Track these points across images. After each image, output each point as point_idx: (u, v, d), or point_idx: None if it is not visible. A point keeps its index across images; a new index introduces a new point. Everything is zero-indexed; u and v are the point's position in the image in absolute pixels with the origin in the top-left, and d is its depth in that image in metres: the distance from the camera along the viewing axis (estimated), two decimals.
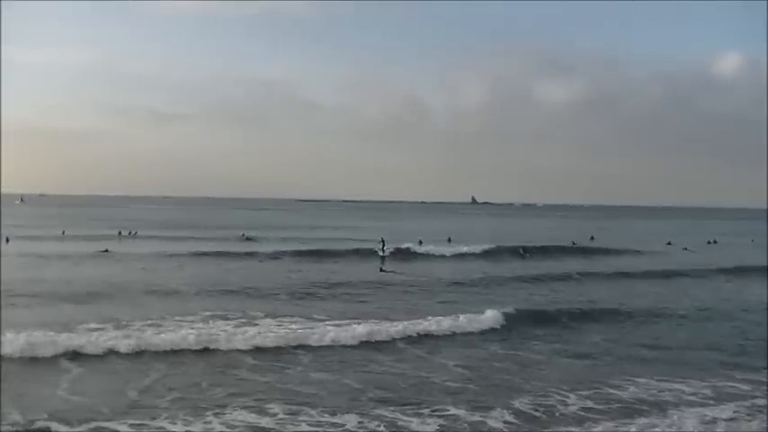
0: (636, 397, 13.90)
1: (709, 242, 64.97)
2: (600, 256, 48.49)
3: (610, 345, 18.95)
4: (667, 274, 36.62)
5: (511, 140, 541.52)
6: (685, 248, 54.40)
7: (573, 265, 40.81)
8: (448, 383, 14.57)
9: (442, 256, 45.15)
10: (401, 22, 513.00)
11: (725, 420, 12.51)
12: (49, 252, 40.45)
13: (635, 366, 16.39)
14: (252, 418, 12.03)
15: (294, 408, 12.59)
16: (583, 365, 16.52)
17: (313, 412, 12.42)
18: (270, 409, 12.51)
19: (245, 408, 12.51)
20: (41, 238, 51.46)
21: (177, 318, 20.20)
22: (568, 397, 13.73)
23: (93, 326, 18.82)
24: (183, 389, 13.59)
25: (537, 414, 12.78)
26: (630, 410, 12.99)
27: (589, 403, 13.38)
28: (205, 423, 11.75)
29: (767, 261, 41.57)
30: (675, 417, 12.63)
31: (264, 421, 11.96)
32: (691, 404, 13.46)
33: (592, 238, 67.15)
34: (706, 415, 12.76)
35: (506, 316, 21.70)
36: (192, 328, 18.51)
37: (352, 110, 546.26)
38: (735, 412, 12.95)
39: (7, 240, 48.73)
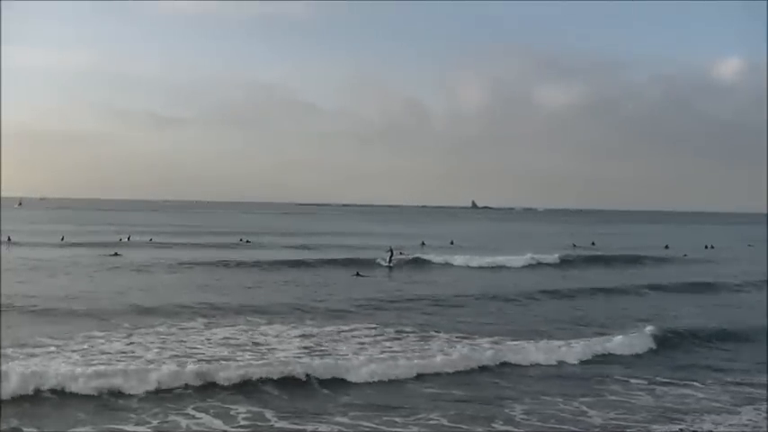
0: None
1: (706, 246, 65.12)
2: (634, 263, 47.01)
3: None
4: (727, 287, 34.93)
5: (511, 144, 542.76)
6: (685, 255, 54.20)
7: (613, 275, 39.31)
8: None
9: (461, 266, 42.43)
10: (401, 25, 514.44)
11: None
12: (52, 258, 40.21)
13: None
14: None
15: None
16: None
17: None
18: None
19: None
20: (41, 244, 50.84)
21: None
22: None
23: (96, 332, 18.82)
24: None
25: None
26: None
27: None
28: None
29: None
30: None
31: None
32: None
33: (593, 243, 67.34)
34: None
35: (658, 337, 19.73)
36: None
37: (352, 113, 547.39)
38: None
39: (9, 239, 48.79)
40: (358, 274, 35.68)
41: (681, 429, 12.64)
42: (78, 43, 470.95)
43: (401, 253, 44.77)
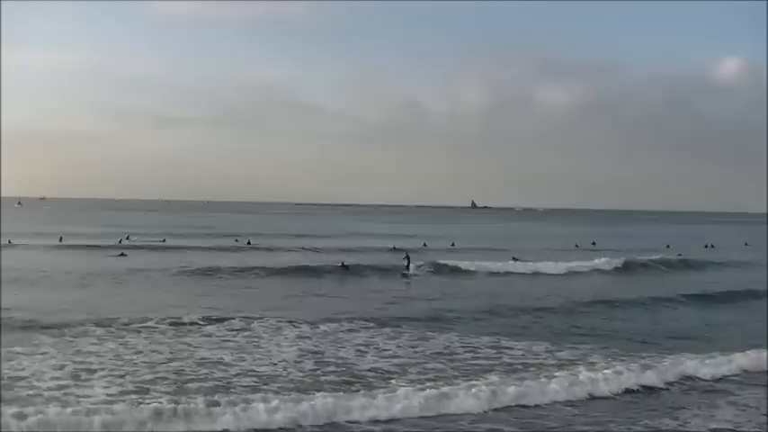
0: None
1: (706, 246, 65.24)
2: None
3: None
4: None
5: (511, 144, 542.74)
6: (680, 255, 53.83)
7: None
8: None
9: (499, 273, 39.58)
10: (400, 25, 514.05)
11: None
12: (51, 260, 39.97)
13: None
14: None
15: None
16: None
17: None
18: None
19: None
20: (40, 246, 50.32)
21: None
22: None
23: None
24: None
25: None
26: None
27: None
28: None
29: None
30: None
31: None
32: None
33: (594, 243, 67.27)
34: None
35: None
36: None
37: (352, 113, 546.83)
38: None
39: (9, 242, 48.70)
40: (343, 265, 35.22)
41: None
42: (78, 43, 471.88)
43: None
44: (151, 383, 14.40)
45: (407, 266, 38.00)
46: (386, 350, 18.29)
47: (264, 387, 14.51)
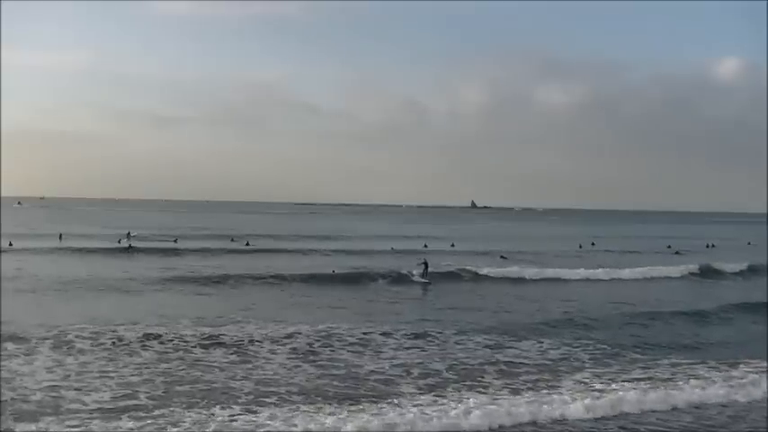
0: None
1: (707, 246, 65.31)
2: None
3: None
4: None
5: (510, 143, 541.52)
6: (677, 252, 54.26)
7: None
8: None
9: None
10: (399, 25, 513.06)
11: None
12: (53, 261, 39.89)
13: None
14: None
15: None
16: None
17: None
18: None
19: None
20: (40, 247, 50.16)
21: None
22: None
23: None
24: None
25: None
26: None
27: None
28: None
29: None
30: None
31: None
32: None
33: (593, 243, 67.36)
34: None
35: None
36: None
37: (351, 113, 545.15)
38: None
39: (10, 244, 48.73)
40: (334, 272, 35.76)
41: None
42: (78, 43, 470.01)
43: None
44: (147, 387, 14.45)
45: (424, 273, 35.96)
46: (385, 353, 18.29)
47: (266, 391, 14.51)
